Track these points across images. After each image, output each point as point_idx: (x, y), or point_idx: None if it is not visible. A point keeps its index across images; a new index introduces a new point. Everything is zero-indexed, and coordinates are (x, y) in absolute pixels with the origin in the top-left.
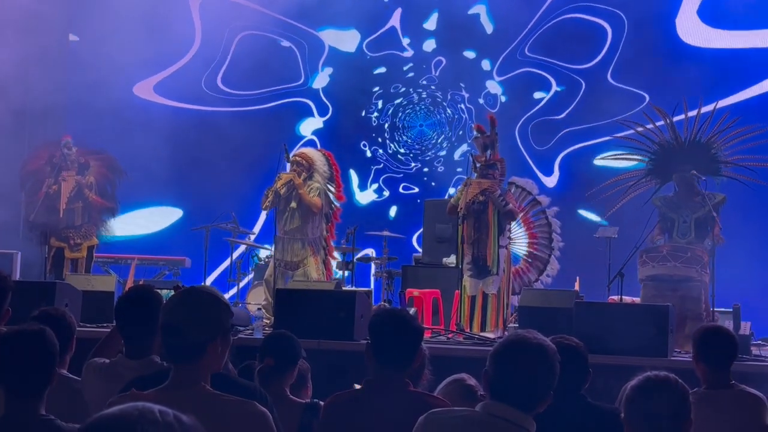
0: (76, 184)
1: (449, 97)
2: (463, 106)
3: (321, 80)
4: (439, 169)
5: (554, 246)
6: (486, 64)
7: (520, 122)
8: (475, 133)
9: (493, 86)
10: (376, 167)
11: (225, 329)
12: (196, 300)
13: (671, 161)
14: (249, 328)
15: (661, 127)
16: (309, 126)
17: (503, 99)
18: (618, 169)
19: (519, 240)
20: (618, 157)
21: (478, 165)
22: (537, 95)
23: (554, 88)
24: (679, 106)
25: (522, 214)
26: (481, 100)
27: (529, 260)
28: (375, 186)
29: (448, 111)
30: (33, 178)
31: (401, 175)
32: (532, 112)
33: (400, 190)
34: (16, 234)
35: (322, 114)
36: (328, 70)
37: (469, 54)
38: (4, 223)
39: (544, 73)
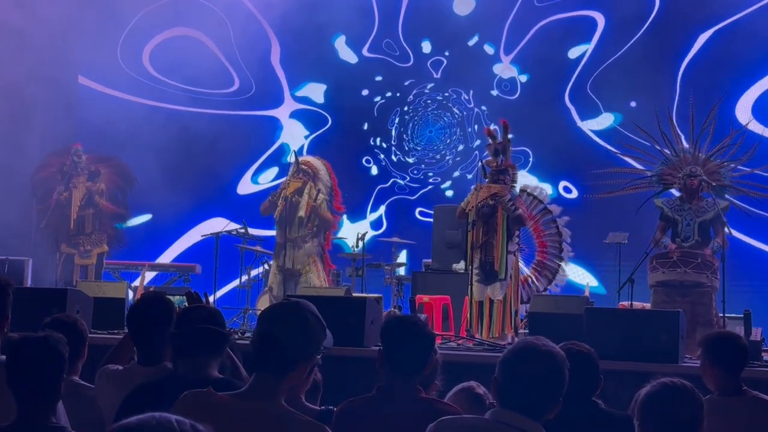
0: (87, 190)
1: (454, 96)
2: (468, 96)
3: (312, 92)
4: (458, 181)
5: (564, 255)
6: (489, 49)
7: (567, 93)
8: (487, 138)
9: (506, 69)
10: (381, 186)
11: (318, 351)
12: (301, 317)
13: (681, 169)
14: None
15: (671, 138)
16: (295, 139)
17: (523, 79)
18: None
19: (528, 248)
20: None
21: (488, 170)
22: (574, 52)
23: (600, 27)
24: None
25: (532, 222)
26: (494, 92)
27: (538, 269)
28: (375, 215)
29: (455, 111)
30: (44, 185)
31: (414, 197)
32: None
33: (417, 215)
34: (28, 241)
35: (315, 128)
36: (319, 83)
37: (470, 42)
38: (16, 230)
39: (582, 12)
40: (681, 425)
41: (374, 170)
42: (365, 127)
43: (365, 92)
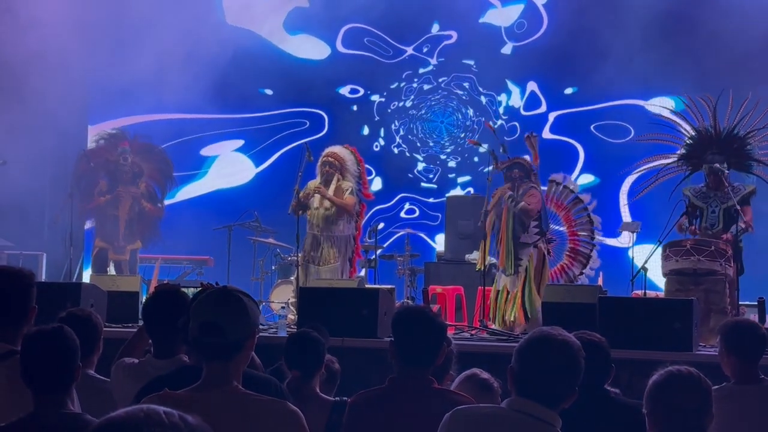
0: (132, 199)
1: (460, 81)
2: (478, 70)
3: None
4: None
5: (596, 243)
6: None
7: None
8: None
9: (504, 14)
10: (381, 207)
11: (257, 327)
12: (233, 298)
13: (705, 150)
14: (273, 327)
15: (702, 112)
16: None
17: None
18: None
19: (560, 237)
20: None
21: (503, 157)
22: None
23: None
24: (724, 94)
25: (564, 212)
26: (507, 48)
27: (572, 255)
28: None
29: (456, 91)
30: (86, 177)
31: (434, 218)
32: None
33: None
34: (41, 235)
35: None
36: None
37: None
38: (30, 225)
39: None
40: (688, 413)
41: (377, 183)
42: (365, 132)
43: (361, 92)
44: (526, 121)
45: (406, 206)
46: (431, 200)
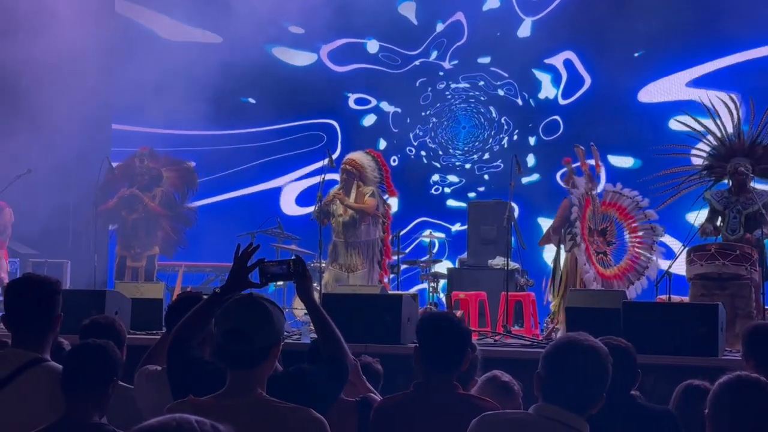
0: (144, 211)
1: (482, 82)
2: (499, 63)
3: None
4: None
5: (653, 255)
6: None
7: None
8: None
9: None
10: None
11: (283, 335)
12: (258, 305)
13: (729, 160)
14: (296, 333)
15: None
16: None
17: None
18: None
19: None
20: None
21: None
22: None
23: None
24: (745, 101)
25: (618, 212)
26: (525, 30)
27: (632, 260)
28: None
29: (473, 93)
30: (109, 188)
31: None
32: None
33: None
34: (66, 243)
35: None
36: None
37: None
38: (54, 233)
39: None
40: (754, 418)
41: (392, 204)
42: (382, 146)
43: (373, 103)
44: (566, 111)
45: (426, 236)
46: (457, 226)
